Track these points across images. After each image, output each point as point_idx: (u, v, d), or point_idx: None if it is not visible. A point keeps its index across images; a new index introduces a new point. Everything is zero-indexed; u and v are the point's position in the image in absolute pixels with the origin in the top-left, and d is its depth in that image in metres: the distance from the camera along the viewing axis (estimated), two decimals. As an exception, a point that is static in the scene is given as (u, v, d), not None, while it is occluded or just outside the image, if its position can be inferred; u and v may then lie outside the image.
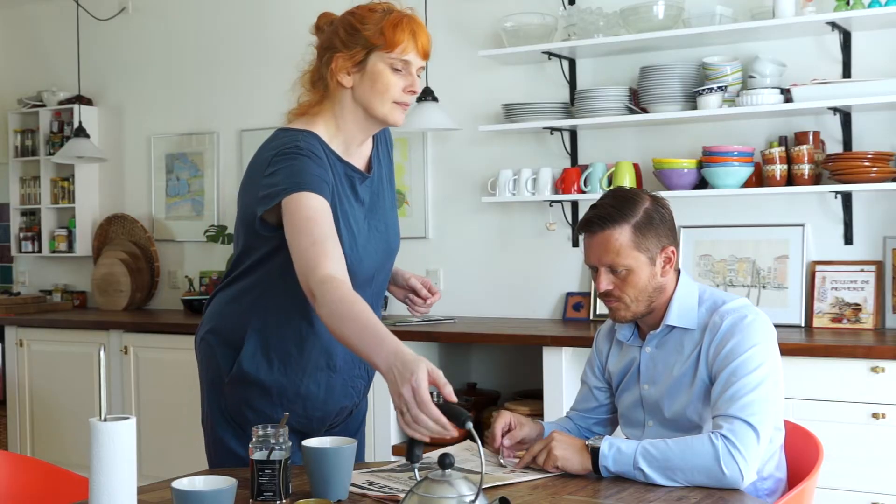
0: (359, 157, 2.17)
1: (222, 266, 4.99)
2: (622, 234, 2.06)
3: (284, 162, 2.00)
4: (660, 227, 2.10)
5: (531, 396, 3.96)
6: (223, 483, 1.64)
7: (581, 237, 2.16)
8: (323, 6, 4.81)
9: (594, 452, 1.94)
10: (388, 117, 2.09)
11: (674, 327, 2.12)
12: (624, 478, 1.92)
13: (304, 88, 2.16)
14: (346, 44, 2.06)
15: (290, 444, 1.82)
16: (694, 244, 3.96)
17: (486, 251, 4.45)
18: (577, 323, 4.11)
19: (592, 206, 2.13)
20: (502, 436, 2.13)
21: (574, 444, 1.99)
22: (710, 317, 2.08)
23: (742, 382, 1.96)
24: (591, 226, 2.10)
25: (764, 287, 3.80)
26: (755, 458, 1.91)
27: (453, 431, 1.66)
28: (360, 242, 2.11)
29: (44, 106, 5.53)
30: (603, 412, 2.32)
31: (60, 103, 5.48)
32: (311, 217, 1.93)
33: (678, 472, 1.89)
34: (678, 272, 2.16)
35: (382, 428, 3.97)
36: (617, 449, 1.94)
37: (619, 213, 2.07)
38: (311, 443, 1.86)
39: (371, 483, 1.92)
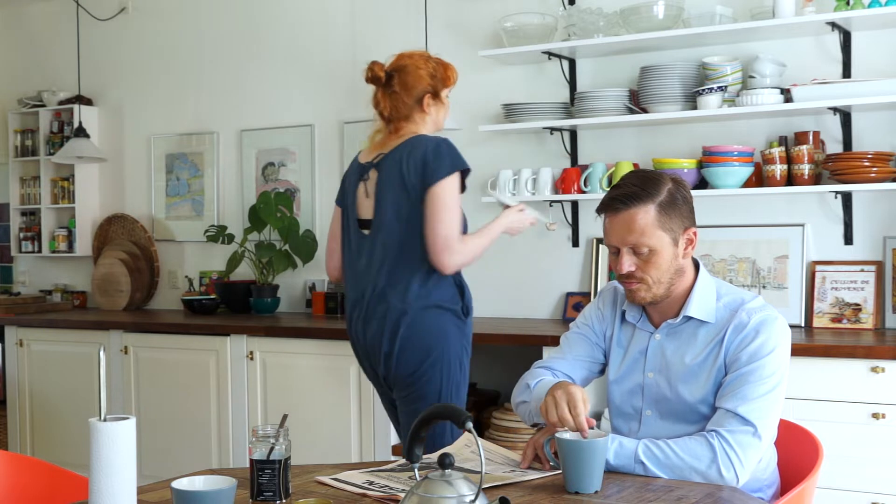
0: None
1: (222, 266, 4.99)
2: (647, 214, 2.03)
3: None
4: (682, 207, 2.08)
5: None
6: (223, 483, 1.64)
7: (602, 218, 2.11)
8: (321, 7, 4.84)
9: None
10: None
11: (691, 318, 2.09)
12: (623, 477, 1.92)
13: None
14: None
15: (290, 442, 1.82)
16: (694, 244, 3.96)
17: (486, 251, 4.42)
18: (577, 323, 4.10)
19: (614, 187, 2.09)
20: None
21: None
22: (734, 314, 2.04)
23: (757, 385, 1.95)
24: (614, 205, 2.06)
25: (764, 287, 3.80)
26: (753, 462, 1.92)
27: None
28: None
29: (44, 106, 5.53)
30: (595, 370, 2.27)
31: (60, 103, 5.48)
32: None
33: (676, 470, 1.90)
34: (696, 264, 2.15)
35: (382, 428, 3.97)
36: (619, 443, 1.95)
37: (644, 191, 2.04)
38: (564, 435, 1.87)
39: (371, 483, 1.92)
